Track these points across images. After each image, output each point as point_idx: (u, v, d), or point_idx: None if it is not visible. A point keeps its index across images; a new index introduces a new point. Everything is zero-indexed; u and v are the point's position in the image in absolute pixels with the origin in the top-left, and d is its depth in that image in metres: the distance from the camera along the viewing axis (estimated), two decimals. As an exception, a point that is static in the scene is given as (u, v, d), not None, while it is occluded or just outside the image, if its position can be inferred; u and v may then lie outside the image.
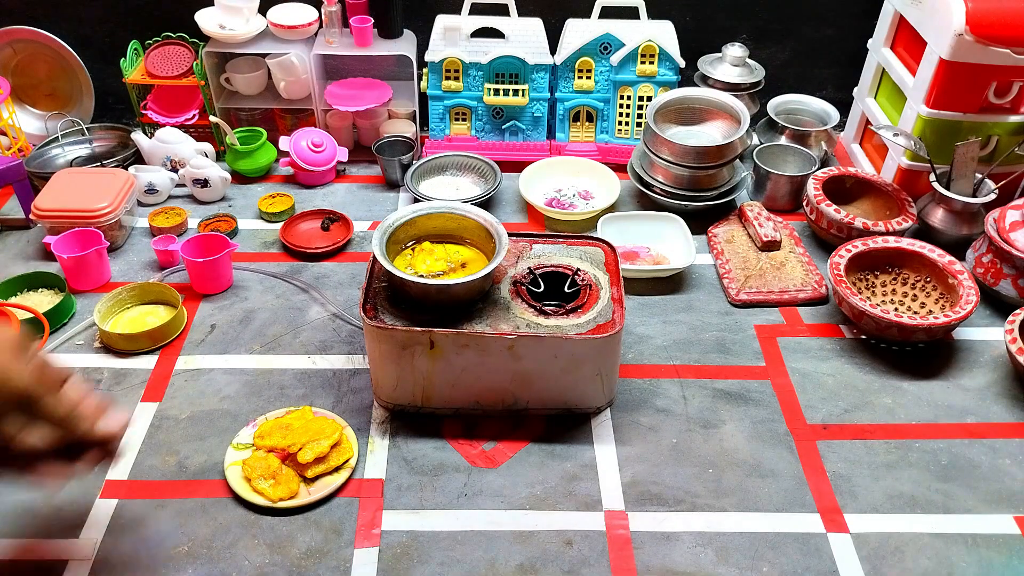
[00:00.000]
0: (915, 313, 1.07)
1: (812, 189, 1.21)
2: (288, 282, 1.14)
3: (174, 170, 1.32)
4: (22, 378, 0.58)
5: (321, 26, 1.37)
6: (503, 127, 1.40)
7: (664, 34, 1.33)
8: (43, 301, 1.07)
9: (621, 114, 1.40)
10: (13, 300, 1.07)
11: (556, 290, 0.94)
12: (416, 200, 1.28)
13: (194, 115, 1.40)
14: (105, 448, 0.63)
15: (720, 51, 1.40)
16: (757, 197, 1.32)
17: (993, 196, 1.16)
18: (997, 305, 1.11)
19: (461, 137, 1.41)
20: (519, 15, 1.35)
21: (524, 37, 1.33)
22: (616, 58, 1.33)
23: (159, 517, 0.82)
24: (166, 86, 1.39)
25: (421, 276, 0.89)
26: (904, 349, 1.04)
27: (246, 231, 1.25)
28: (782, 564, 0.79)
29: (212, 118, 1.33)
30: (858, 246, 1.10)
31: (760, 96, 1.43)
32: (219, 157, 1.38)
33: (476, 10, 1.33)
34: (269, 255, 1.20)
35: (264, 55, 1.38)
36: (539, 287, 0.93)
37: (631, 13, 1.34)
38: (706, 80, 1.40)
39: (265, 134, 1.37)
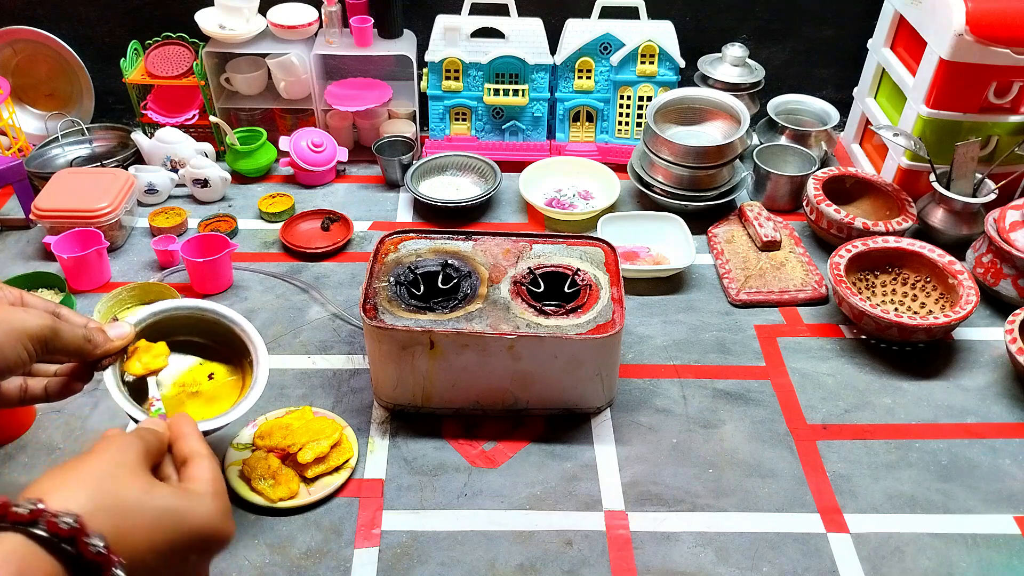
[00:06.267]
0: (915, 313, 1.07)
1: (812, 189, 1.21)
2: (288, 282, 1.14)
3: (174, 170, 1.32)
4: (32, 320, 0.57)
5: (321, 26, 1.37)
6: (503, 127, 1.40)
7: (664, 34, 1.33)
8: (43, 301, 1.07)
9: (621, 114, 1.40)
10: (13, 300, 1.07)
11: (556, 290, 0.94)
12: (416, 200, 1.28)
13: (194, 115, 1.40)
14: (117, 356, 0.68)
15: (720, 51, 1.40)
16: (757, 197, 1.32)
17: (993, 196, 1.16)
18: (997, 305, 1.11)
19: (461, 137, 1.41)
20: (519, 15, 1.35)
21: (524, 37, 1.33)
22: (616, 58, 1.33)
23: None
24: (166, 86, 1.39)
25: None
26: (904, 349, 1.04)
27: (246, 231, 1.25)
28: (782, 564, 0.79)
29: (212, 118, 1.33)
30: (858, 246, 1.10)
31: (760, 96, 1.43)
32: (219, 157, 1.38)
33: (476, 10, 1.33)
34: (269, 255, 1.20)
35: (264, 55, 1.38)
36: (539, 287, 0.93)
37: (631, 13, 1.34)
38: (706, 80, 1.40)
39: (265, 134, 1.37)
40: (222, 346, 0.81)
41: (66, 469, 0.45)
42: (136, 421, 0.71)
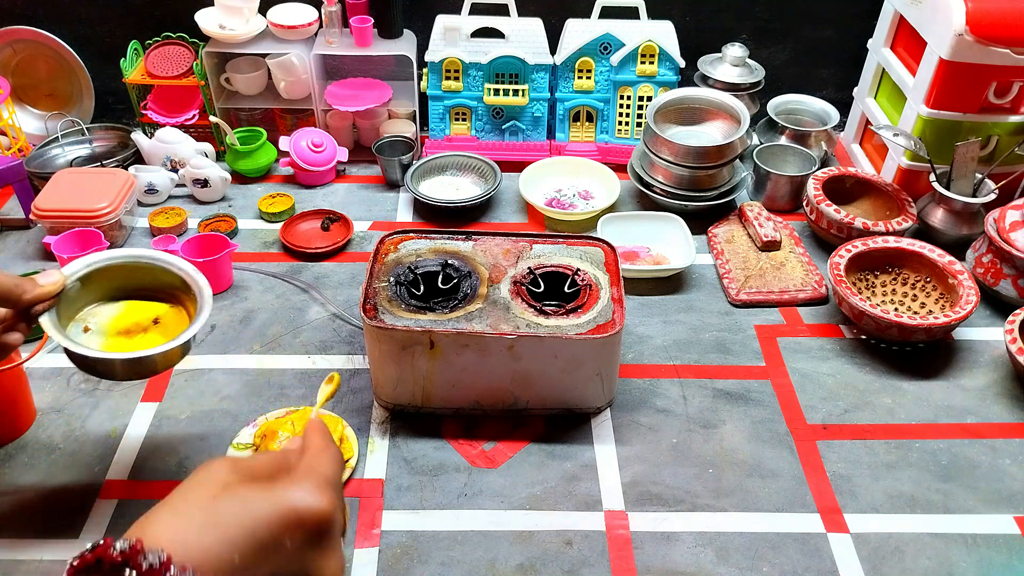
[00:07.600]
0: (915, 313, 1.07)
1: (812, 189, 1.21)
2: (288, 282, 1.14)
3: (174, 170, 1.32)
4: None
5: (321, 26, 1.37)
6: (503, 127, 1.40)
7: (664, 34, 1.33)
8: (43, 301, 1.07)
9: (621, 114, 1.40)
10: (13, 300, 1.07)
11: (556, 290, 0.94)
12: (416, 200, 1.28)
13: (194, 115, 1.40)
14: (49, 303, 0.70)
15: (720, 51, 1.41)
16: (757, 197, 1.32)
17: (993, 196, 1.16)
18: (997, 305, 1.11)
19: (461, 137, 1.41)
20: (519, 15, 1.35)
21: (524, 37, 1.33)
22: (616, 58, 1.33)
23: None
24: (166, 86, 1.39)
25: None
26: (904, 349, 1.04)
27: (246, 231, 1.25)
28: (782, 564, 0.79)
29: (212, 118, 1.33)
30: (858, 246, 1.10)
31: (760, 96, 1.43)
32: (219, 157, 1.38)
33: (476, 10, 1.33)
34: (269, 255, 1.20)
35: (264, 55, 1.38)
36: (539, 287, 0.93)
37: (631, 13, 1.34)
38: (706, 80, 1.40)
39: (265, 134, 1.37)
40: (161, 291, 0.81)
41: (160, 504, 0.47)
42: (72, 354, 0.72)
